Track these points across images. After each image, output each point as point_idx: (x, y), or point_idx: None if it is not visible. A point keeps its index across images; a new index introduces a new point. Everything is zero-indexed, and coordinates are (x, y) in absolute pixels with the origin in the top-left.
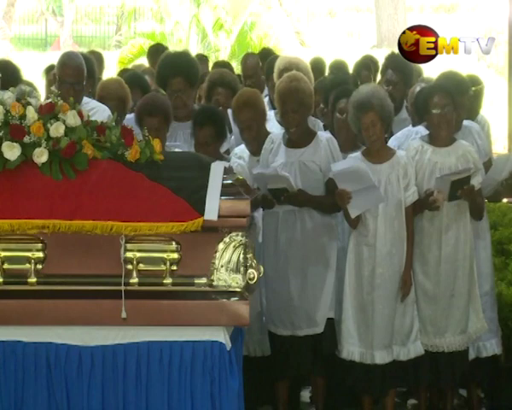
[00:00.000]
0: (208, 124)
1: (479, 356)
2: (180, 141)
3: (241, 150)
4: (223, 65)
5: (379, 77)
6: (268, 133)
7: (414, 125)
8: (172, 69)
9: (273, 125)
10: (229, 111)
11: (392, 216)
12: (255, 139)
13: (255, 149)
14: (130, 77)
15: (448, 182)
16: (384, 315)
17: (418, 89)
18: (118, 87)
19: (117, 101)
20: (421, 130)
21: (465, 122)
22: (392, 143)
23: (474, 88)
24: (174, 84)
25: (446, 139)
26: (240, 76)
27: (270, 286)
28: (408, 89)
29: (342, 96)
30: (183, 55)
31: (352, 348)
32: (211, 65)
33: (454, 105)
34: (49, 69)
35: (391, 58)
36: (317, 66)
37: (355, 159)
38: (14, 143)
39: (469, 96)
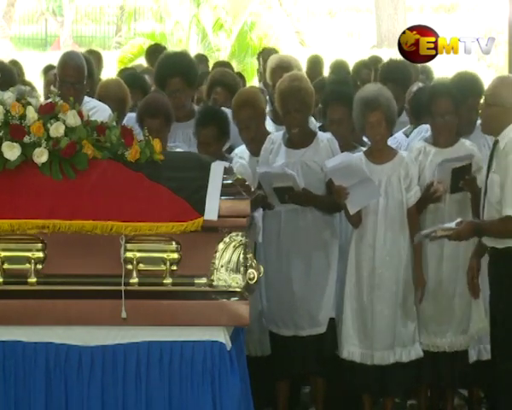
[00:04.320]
0: (211, 124)
1: (480, 359)
2: (179, 141)
3: (241, 151)
4: (223, 65)
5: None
6: (267, 133)
7: (411, 124)
8: (171, 69)
9: (268, 123)
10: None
11: (393, 217)
12: (254, 139)
13: (254, 148)
14: (130, 77)
15: (449, 170)
16: (384, 316)
17: (415, 89)
18: (117, 88)
19: (116, 101)
20: None
21: (478, 122)
22: (391, 141)
23: None
24: (173, 84)
25: (448, 141)
26: (241, 75)
27: (271, 286)
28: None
29: (332, 100)
30: (182, 56)
31: (352, 349)
32: (211, 65)
33: (456, 109)
34: (48, 69)
35: (390, 70)
36: (315, 64)
37: (347, 154)
38: (14, 143)
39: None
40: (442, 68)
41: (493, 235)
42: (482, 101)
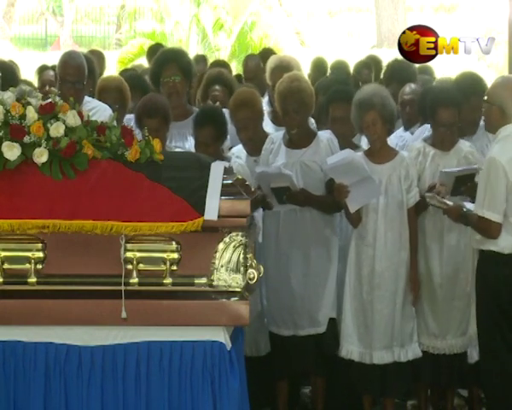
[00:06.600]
0: (209, 124)
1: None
2: (175, 140)
3: (239, 150)
4: (220, 64)
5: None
6: (264, 133)
7: (405, 126)
8: (168, 58)
9: (267, 124)
10: (225, 111)
11: (393, 216)
12: (251, 139)
13: (251, 149)
14: (130, 77)
15: (452, 177)
16: (383, 315)
17: (408, 89)
18: (117, 80)
19: (116, 94)
20: None
21: (481, 123)
22: (393, 141)
23: None
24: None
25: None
26: (240, 77)
27: (271, 286)
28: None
29: (335, 99)
30: (179, 49)
31: (350, 348)
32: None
33: (459, 115)
34: (42, 69)
35: (396, 70)
36: (319, 66)
37: (349, 151)
38: (14, 143)
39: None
40: (442, 68)
41: (471, 226)
42: (484, 99)
